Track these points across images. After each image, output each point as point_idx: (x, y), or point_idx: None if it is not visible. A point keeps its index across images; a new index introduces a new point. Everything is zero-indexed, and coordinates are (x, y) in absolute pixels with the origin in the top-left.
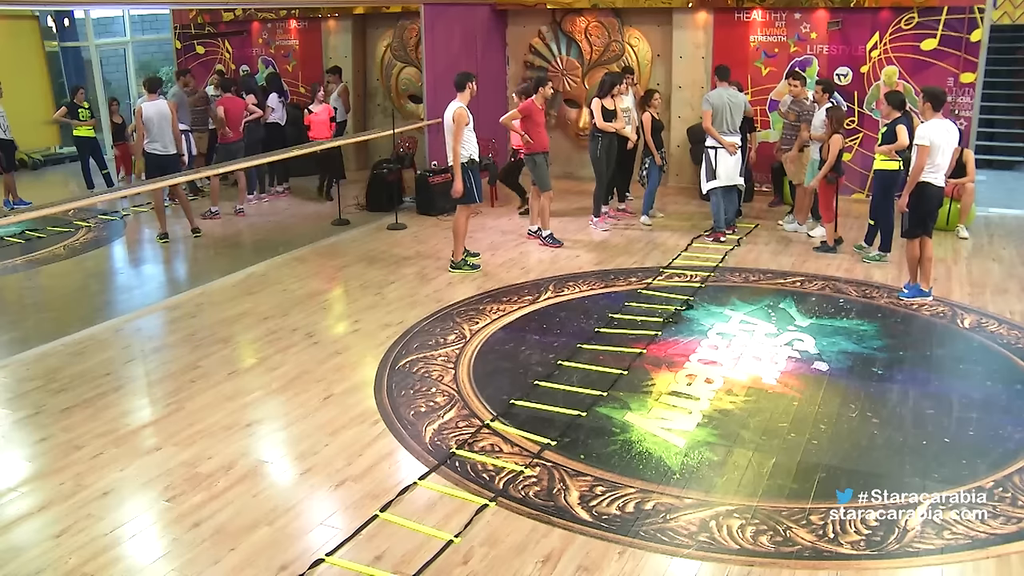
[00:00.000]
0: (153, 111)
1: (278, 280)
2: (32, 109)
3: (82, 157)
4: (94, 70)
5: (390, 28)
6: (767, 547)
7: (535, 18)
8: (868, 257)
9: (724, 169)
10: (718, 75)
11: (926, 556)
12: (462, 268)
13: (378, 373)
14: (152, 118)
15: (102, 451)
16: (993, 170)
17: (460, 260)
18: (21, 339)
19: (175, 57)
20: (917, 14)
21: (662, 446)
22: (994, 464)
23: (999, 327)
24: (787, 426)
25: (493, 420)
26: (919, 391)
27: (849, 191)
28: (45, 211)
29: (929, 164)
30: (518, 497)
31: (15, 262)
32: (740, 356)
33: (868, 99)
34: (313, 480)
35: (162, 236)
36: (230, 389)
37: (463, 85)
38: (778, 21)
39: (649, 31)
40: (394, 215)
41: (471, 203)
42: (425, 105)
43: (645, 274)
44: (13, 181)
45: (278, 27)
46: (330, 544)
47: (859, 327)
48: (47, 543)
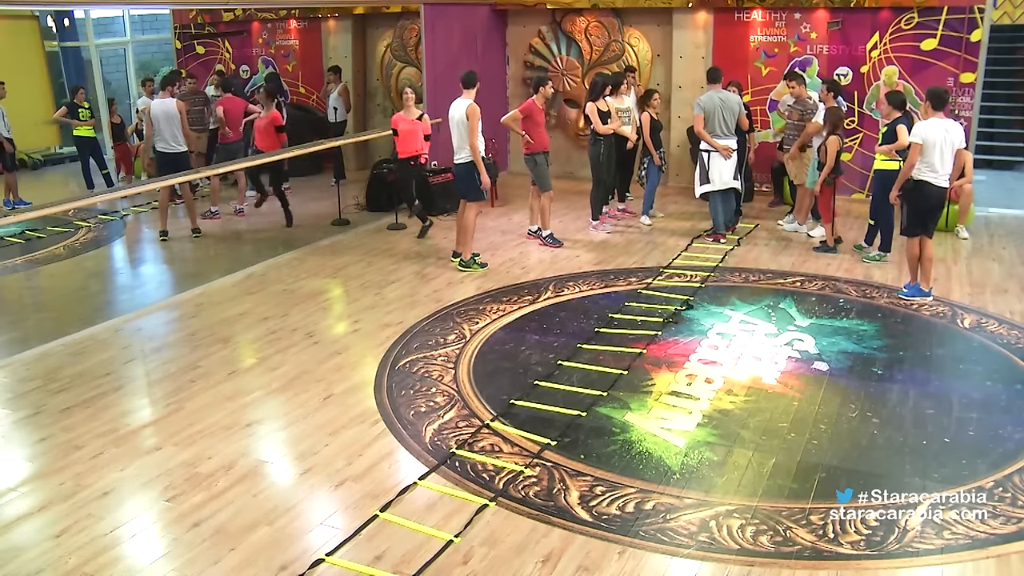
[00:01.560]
0: (160, 109)
1: (278, 280)
2: (32, 109)
3: (82, 157)
4: (94, 70)
5: (390, 28)
6: (767, 547)
7: (535, 18)
8: (868, 257)
9: (718, 173)
10: (708, 78)
11: (926, 556)
12: (471, 267)
13: (378, 373)
14: (159, 116)
15: (102, 451)
16: (993, 170)
17: (469, 259)
18: (21, 339)
19: (175, 57)
20: (917, 14)
21: (662, 446)
22: (994, 464)
23: (999, 327)
24: (787, 426)
25: (493, 420)
26: (919, 391)
27: (849, 191)
28: (45, 211)
29: (925, 163)
30: (518, 497)
31: (15, 262)
32: (740, 356)
33: (868, 99)
34: (313, 480)
35: (163, 234)
36: (230, 389)
37: (473, 83)
38: (778, 21)
39: (649, 31)
40: (394, 215)
41: (480, 200)
42: (425, 105)
43: (645, 274)
44: (14, 181)
45: (278, 27)
46: (330, 544)
47: (859, 327)
48: (47, 543)
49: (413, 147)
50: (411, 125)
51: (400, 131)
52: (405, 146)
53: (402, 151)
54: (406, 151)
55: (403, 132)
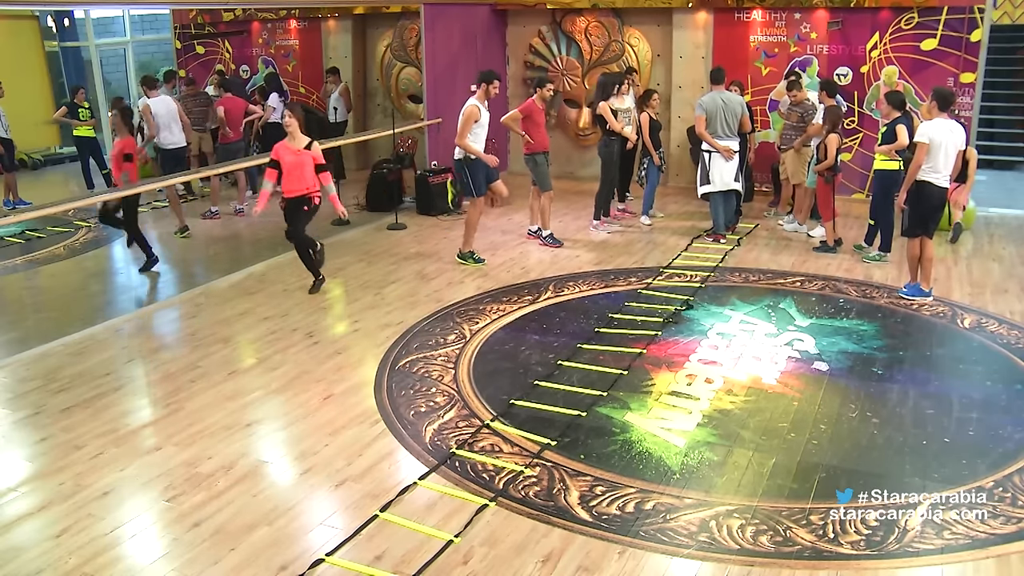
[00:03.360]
0: (161, 106)
1: (278, 280)
2: (32, 109)
3: (82, 157)
4: (94, 70)
5: (390, 28)
6: (767, 547)
7: (535, 18)
8: (868, 257)
9: (719, 173)
10: (712, 79)
11: (926, 556)
12: (468, 261)
13: (378, 373)
14: (161, 113)
15: (102, 451)
16: (993, 170)
17: (467, 252)
18: (21, 339)
19: (175, 57)
20: (917, 14)
21: (662, 446)
22: (994, 464)
23: (999, 327)
24: (787, 426)
25: (493, 420)
26: (919, 391)
27: (849, 191)
28: (45, 211)
29: (930, 163)
30: (518, 497)
31: (15, 262)
32: (740, 356)
33: (868, 99)
34: (313, 480)
35: (182, 230)
36: (230, 389)
37: (478, 82)
38: (778, 21)
39: (649, 31)
40: (394, 215)
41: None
42: (425, 105)
43: (645, 274)
44: (14, 181)
45: (278, 27)
46: (330, 544)
47: (859, 327)
48: (47, 543)
49: (301, 184)
50: (296, 156)
51: (284, 164)
52: (291, 183)
53: (288, 189)
54: (293, 189)
55: (287, 166)
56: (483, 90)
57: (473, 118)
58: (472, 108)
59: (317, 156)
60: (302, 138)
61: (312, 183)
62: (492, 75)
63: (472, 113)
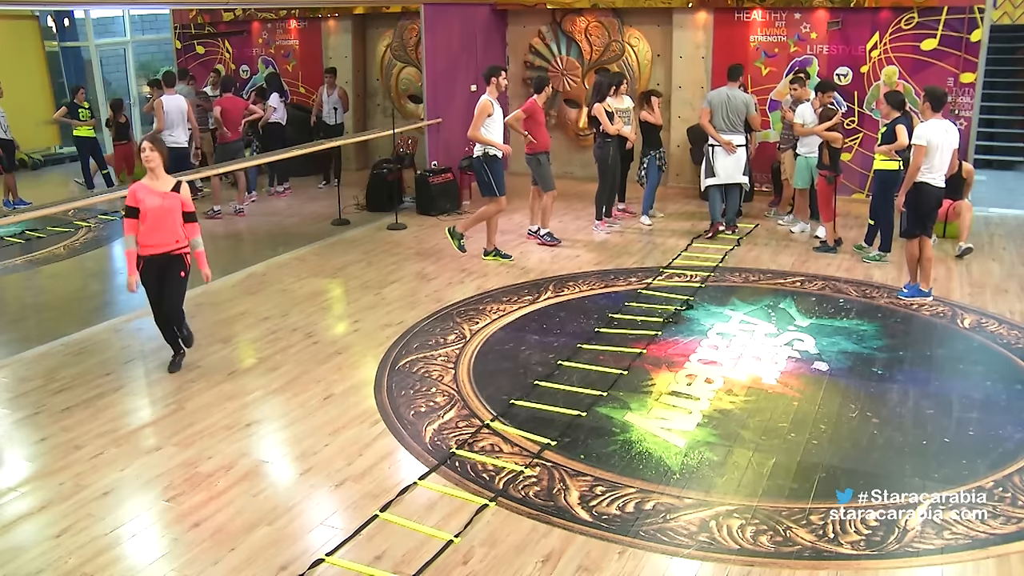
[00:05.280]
0: (172, 104)
1: (278, 280)
2: (32, 109)
3: (82, 157)
4: (94, 70)
5: (390, 28)
6: (767, 547)
7: (535, 18)
8: (868, 257)
9: (723, 167)
10: (728, 75)
11: (926, 556)
12: (491, 257)
13: (378, 373)
14: (172, 111)
15: (102, 451)
16: (993, 170)
17: (491, 250)
18: (21, 339)
19: (175, 57)
20: (917, 14)
21: (662, 446)
22: (994, 464)
23: (999, 327)
24: (787, 426)
25: (493, 420)
26: (919, 391)
27: (849, 191)
28: (45, 211)
29: (927, 164)
30: (518, 497)
31: (15, 262)
32: (740, 356)
33: (868, 99)
34: (313, 480)
35: None
36: (230, 389)
37: (487, 78)
38: (778, 21)
39: (649, 31)
40: (394, 215)
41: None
42: (425, 105)
43: (645, 274)
44: (13, 181)
45: (278, 27)
46: (330, 544)
47: (859, 327)
48: (47, 543)
49: (171, 237)
50: (163, 200)
51: (145, 211)
52: (154, 235)
53: (150, 243)
54: (155, 244)
55: (150, 213)
56: (493, 85)
57: (485, 112)
58: (484, 102)
59: (187, 202)
60: (167, 178)
61: (180, 236)
62: (497, 68)
63: (485, 107)
